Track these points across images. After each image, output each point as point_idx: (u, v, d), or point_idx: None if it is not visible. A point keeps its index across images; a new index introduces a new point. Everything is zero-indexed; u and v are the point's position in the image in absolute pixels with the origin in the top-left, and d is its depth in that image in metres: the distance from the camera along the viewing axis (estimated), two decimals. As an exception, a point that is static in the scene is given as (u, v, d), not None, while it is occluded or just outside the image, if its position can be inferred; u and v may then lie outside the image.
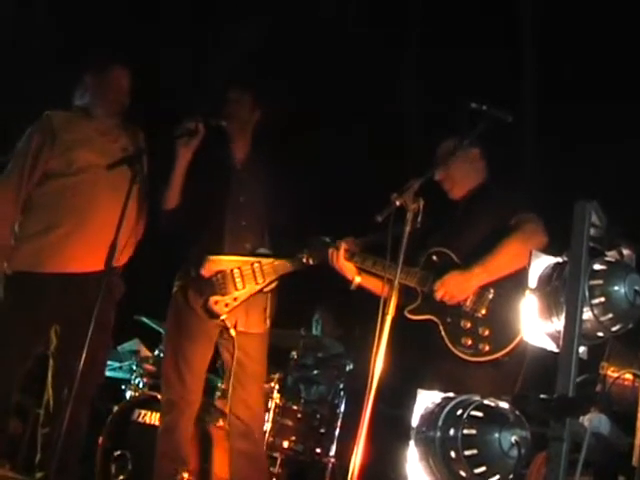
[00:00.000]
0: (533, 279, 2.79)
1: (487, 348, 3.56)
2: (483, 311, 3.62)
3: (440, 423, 2.50)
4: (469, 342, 3.59)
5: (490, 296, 3.63)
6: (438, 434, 2.49)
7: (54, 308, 3.96)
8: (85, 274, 3.96)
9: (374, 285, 3.84)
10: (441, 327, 3.67)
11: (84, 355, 3.59)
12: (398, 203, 3.26)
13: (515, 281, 3.53)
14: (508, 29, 5.63)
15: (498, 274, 3.62)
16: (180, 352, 4.07)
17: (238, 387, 4.06)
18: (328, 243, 4.01)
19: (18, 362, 3.94)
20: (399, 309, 3.34)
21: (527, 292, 2.76)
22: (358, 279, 3.91)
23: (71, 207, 3.99)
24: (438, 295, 3.64)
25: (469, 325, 3.62)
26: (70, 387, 3.60)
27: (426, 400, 2.65)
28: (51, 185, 4.02)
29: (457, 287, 3.63)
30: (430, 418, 2.56)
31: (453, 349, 3.62)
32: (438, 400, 2.62)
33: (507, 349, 3.51)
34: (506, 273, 3.60)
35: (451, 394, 2.62)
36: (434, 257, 3.83)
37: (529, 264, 2.81)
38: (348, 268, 3.91)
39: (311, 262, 4.06)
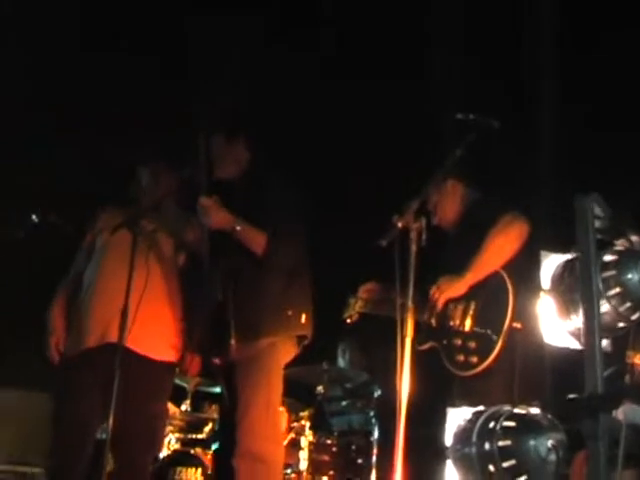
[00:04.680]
0: (546, 280, 2.77)
1: (475, 360, 3.55)
2: (468, 326, 3.64)
3: (474, 439, 2.48)
4: (461, 358, 3.62)
5: (471, 309, 3.65)
6: (474, 450, 2.47)
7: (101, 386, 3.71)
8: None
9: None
10: (440, 350, 3.74)
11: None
12: (400, 225, 3.22)
13: (492, 288, 3.59)
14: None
15: (487, 270, 3.63)
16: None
17: None
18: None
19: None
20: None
21: (541, 293, 2.75)
22: None
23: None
24: (431, 293, 3.69)
25: (460, 342, 3.65)
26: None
27: (456, 417, 2.62)
28: None
29: (447, 283, 3.67)
30: (463, 435, 2.54)
31: (451, 368, 3.67)
32: (469, 416, 2.59)
33: (492, 356, 3.49)
34: (496, 267, 3.62)
35: (481, 407, 2.60)
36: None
37: (539, 266, 2.80)
38: None
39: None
